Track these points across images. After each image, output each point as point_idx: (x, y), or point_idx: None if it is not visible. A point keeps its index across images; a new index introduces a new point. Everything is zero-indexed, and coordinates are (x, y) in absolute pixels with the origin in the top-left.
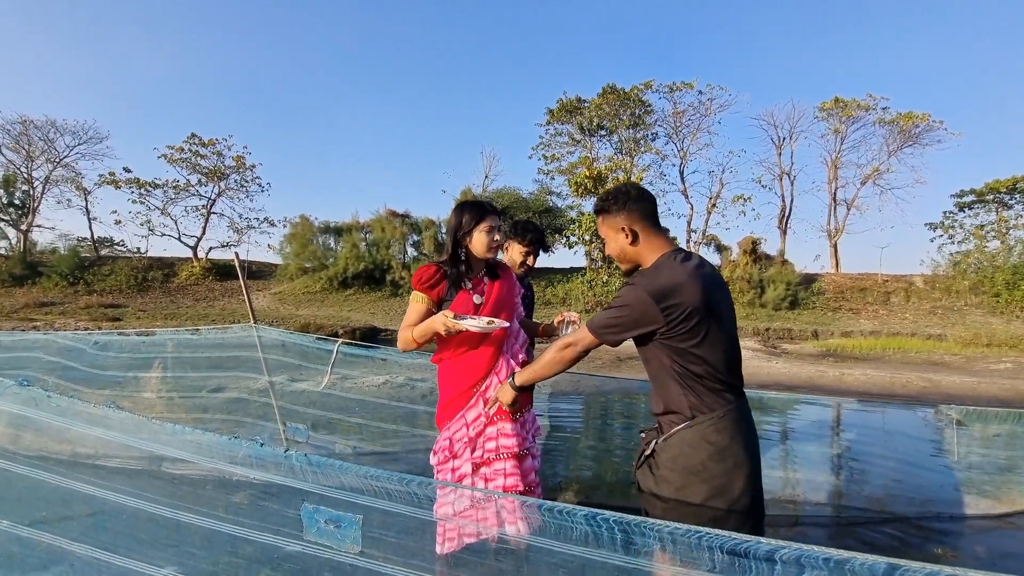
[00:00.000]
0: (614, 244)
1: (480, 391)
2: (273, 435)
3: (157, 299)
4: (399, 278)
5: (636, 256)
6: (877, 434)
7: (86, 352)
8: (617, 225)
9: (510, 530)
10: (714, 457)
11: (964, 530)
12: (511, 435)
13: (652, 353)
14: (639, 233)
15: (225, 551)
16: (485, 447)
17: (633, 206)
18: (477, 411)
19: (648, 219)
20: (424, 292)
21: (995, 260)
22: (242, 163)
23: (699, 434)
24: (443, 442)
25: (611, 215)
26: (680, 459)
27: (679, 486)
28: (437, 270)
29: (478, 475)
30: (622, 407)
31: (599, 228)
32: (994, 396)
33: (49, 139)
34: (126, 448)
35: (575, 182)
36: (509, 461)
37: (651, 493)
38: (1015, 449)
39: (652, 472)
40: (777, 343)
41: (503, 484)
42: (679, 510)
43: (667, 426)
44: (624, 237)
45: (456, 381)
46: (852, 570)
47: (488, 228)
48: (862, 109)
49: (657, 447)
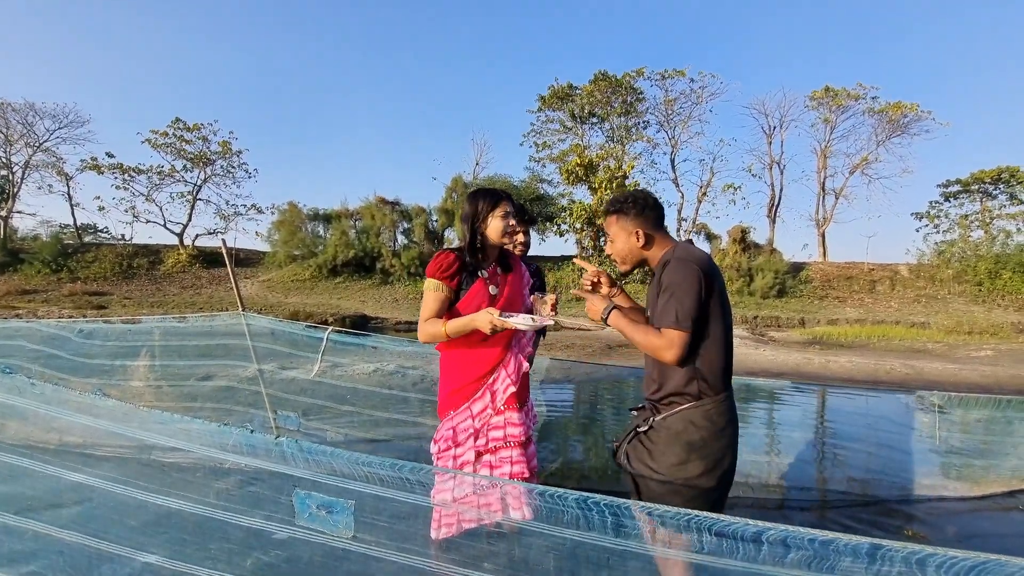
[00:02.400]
0: (623, 244)
1: (488, 384)
2: (263, 423)
3: (143, 287)
4: (389, 266)
5: (643, 256)
6: (861, 419)
7: (71, 340)
8: (630, 228)
9: (515, 515)
10: (715, 435)
11: (943, 512)
12: (518, 424)
13: None
14: (652, 236)
15: (216, 537)
16: (491, 436)
17: (649, 213)
18: (484, 403)
19: (659, 226)
20: (444, 281)
21: (978, 250)
22: (228, 148)
23: (703, 413)
24: (445, 431)
25: (626, 217)
26: (683, 435)
27: (680, 461)
28: (456, 258)
29: (481, 463)
30: (612, 393)
31: (608, 226)
32: (974, 383)
33: (28, 123)
34: (115, 437)
35: (566, 170)
36: (516, 449)
37: (645, 466)
38: (993, 434)
39: (646, 447)
40: (765, 331)
41: (510, 471)
42: (676, 482)
43: (668, 405)
44: (635, 240)
45: (463, 371)
46: (836, 550)
47: (503, 213)
48: (852, 98)
49: (655, 424)
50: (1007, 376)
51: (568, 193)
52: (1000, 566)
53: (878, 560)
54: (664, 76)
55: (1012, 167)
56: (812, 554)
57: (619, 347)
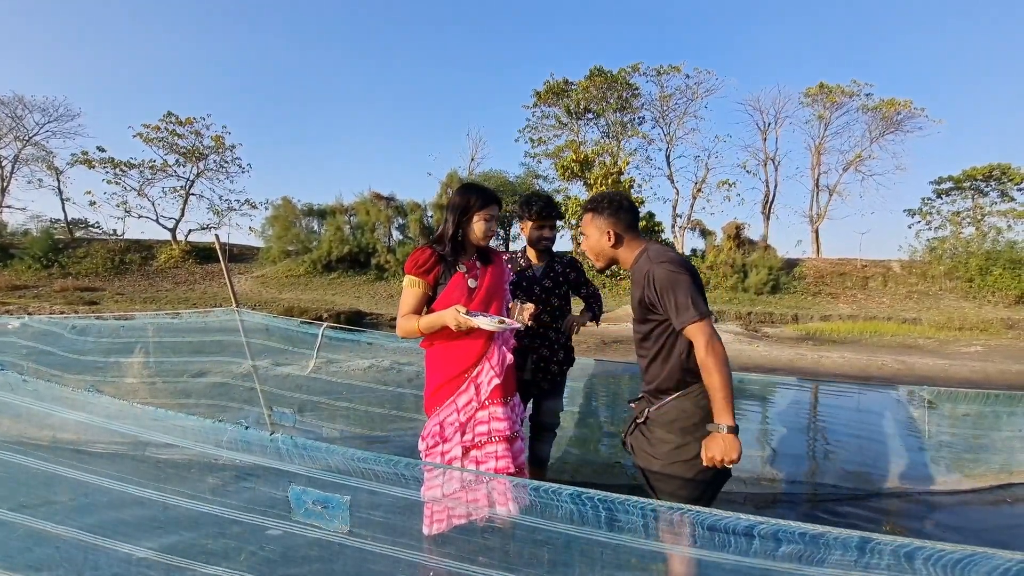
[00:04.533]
0: (595, 242)
1: (471, 376)
2: (258, 419)
3: (135, 282)
4: (384, 262)
5: (613, 256)
6: (852, 415)
7: (63, 337)
8: (603, 227)
9: (500, 511)
10: (705, 419)
11: (932, 505)
12: (503, 419)
13: (665, 334)
14: (622, 237)
15: (211, 532)
16: (476, 431)
17: (623, 215)
18: (468, 396)
19: (631, 228)
20: (420, 276)
21: (969, 246)
22: (221, 143)
23: (692, 401)
24: (432, 427)
25: (600, 216)
26: (678, 422)
27: (677, 445)
28: (432, 253)
29: (468, 459)
30: (606, 389)
31: (584, 223)
32: (964, 378)
33: (17, 116)
34: (110, 433)
35: (562, 166)
36: (501, 444)
37: (647, 455)
38: (982, 428)
39: (646, 435)
40: (758, 327)
41: (495, 466)
42: (676, 465)
43: (661, 395)
44: (606, 239)
45: (447, 366)
46: (826, 544)
47: (488, 216)
48: (846, 95)
49: (651, 414)
50: (996, 371)
51: (563, 189)
52: (987, 559)
53: (867, 553)
54: (660, 72)
55: (1004, 164)
56: (803, 548)
57: (614, 343)
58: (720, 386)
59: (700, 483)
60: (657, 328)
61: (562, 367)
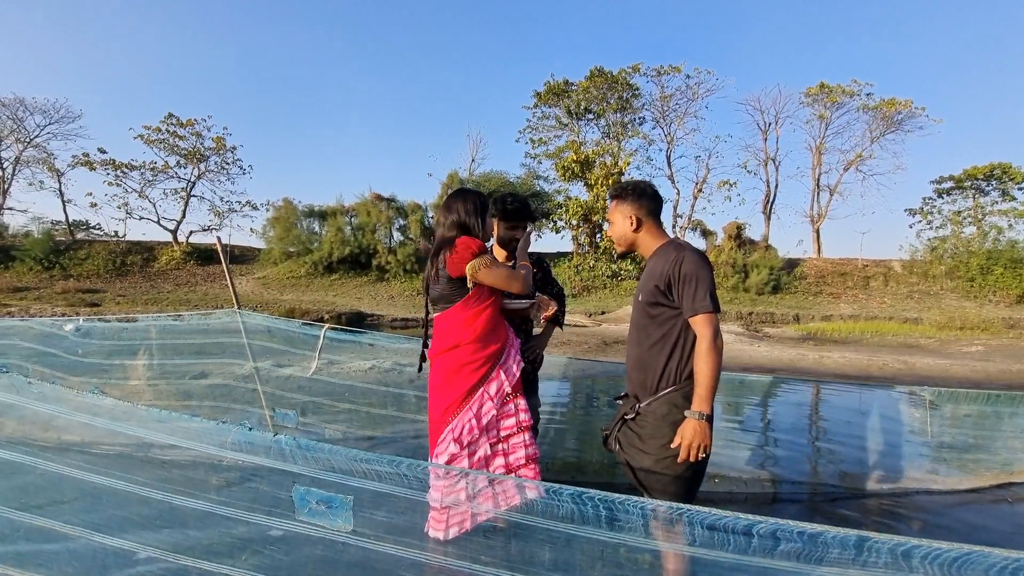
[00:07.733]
0: (619, 227)
1: (501, 362)
2: (260, 421)
3: (137, 284)
4: (385, 262)
5: (635, 241)
6: (853, 414)
7: (66, 338)
8: (627, 212)
9: (517, 502)
10: None
11: (933, 505)
12: (525, 410)
13: (669, 323)
14: (643, 222)
15: (216, 532)
16: (502, 425)
17: (645, 201)
18: (498, 383)
19: (653, 215)
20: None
21: (970, 245)
22: (222, 144)
23: (684, 395)
24: (466, 422)
25: (624, 202)
26: (669, 417)
27: (668, 440)
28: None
29: (495, 452)
30: (607, 390)
31: (610, 210)
32: (965, 378)
33: (18, 118)
34: (114, 435)
35: (562, 166)
36: (527, 432)
37: (637, 450)
38: (983, 428)
39: (636, 431)
40: (760, 327)
41: (526, 454)
42: (668, 460)
43: (652, 391)
44: (629, 224)
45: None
46: (824, 543)
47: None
48: (847, 95)
49: (642, 410)
50: (997, 371)
51: (564, 190)
52: (983, 557)
53: (865, 552)
54: (660, 72)
55: (1004, 164)
56: (801, 546)
57: (615, 343)
58: (709, 377)
59: (689, 478)
60: (663, 314)
61: (534, 365)
